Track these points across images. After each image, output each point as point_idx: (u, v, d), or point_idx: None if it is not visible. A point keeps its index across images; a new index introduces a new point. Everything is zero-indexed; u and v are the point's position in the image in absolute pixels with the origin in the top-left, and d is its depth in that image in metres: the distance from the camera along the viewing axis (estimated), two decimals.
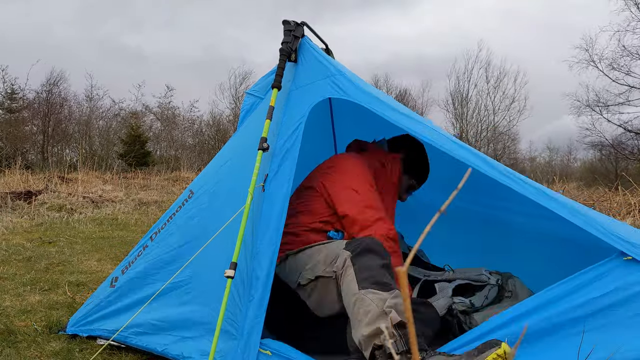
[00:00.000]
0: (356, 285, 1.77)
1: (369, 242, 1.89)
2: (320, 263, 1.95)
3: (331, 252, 1.95)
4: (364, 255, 1.84)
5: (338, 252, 1.91)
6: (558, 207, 1.72)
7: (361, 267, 1.81)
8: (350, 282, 1.80)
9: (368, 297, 1.72)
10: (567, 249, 2.44)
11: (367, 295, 1.73)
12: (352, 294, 1.77)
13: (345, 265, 1.86)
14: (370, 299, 1.72)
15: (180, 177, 13.94)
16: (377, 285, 1.75)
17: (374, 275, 1.78)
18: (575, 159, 31.35)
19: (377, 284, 1.75)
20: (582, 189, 10.67)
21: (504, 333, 1.62)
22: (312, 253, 2.01)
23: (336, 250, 1.93)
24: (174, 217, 2.27)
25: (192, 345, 1.96)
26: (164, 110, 26.97)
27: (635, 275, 1.55)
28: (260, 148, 1.97)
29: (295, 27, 2.18)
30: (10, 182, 9.59)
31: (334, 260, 1.91)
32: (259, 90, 2.29)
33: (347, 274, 1.83)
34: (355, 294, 1.75)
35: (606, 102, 21.39)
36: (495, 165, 1.85)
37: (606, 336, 1.51)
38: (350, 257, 1.86)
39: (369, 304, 1.71)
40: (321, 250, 1.99)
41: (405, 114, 2.02)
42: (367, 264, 1.81)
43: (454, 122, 29.01)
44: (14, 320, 2.55)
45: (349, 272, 1.82)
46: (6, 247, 4.50)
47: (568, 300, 1.59)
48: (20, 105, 22.60)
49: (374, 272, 1.79)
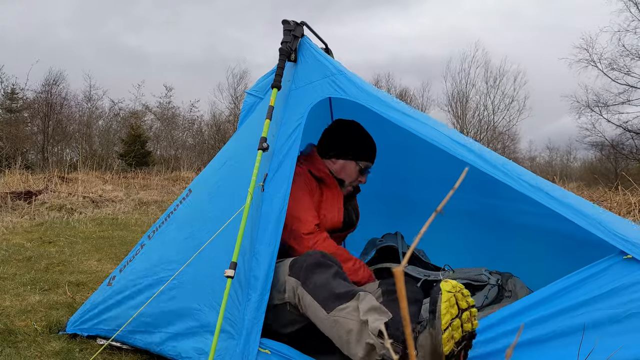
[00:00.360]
0: (322, 311, 1.72)
1: (308, 259, 1.84)
2: (273, 291, 1.90)
3: (280, 278, 1.90)
4: (311, 276, 1.79)
5: (285, 279, 1.87)
6: (558, 205, 1.71)
7: (316, 290, 1.76)
8: (315, 310, 1.75)
9: (341, 316, 1.68)
10: (567, 246, 2.44)
11: (339, 315, 1.68)
12: (324, 320, 1.72)
13: (299, 295, 1.80)
14: (343, 317, 1.67)
15: (180, 176, 13.95)
16: (341, 300, 1.70)
17: (331, 290, 1.73)
18: (575, 158, 31.40)
19: (339, 298, 1.70)
20: (582, 189, 10.67)
21: (502, 330, 1.62)
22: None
23: (283, 277, 1.89)
24: (172, 216, 2.27)
25: (191, 345, 1.96)
26: (164, 110, 26.98)
27: (634, 274, 1.55)
28: (260, 148, 1.97)
29: (295, 27, 2.18)
30: (10, 182, 9.60)
31: (283, 288, 1.88)
32: (259, 90, 2.29)
33: (307, 304, 1.78)
34: (327, 319, 1.71)
35: (606, 102, 21.40)
36: (496, 163, 1.84)
37: (606, 335, 1.51)
38: (300, 285, 1.80)
39: (346, 322, 1.66)
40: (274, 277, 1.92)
41: (406, 113, 2.02)
42: (320, 283, 1.76)
43: (454, 122, 29.03)
44: (14, 320, 2.55)
45: (308, 300, 1.77)
46: (6, 247, 4.50)
47: (567, 298, 1.59)
48: (20, 105, 22.61)
49: (330, 287, 1.74)
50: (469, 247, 3.00)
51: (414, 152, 2.71)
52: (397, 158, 2.91)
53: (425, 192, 2.95)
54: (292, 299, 1.84)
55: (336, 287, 1.74)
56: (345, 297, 1.71)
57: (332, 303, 1.71)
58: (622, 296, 1.53)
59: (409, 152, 2.79)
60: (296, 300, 1.83)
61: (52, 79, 23.08)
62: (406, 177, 3.04)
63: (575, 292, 1.59)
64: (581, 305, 1.56)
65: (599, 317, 1.53)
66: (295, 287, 1.82)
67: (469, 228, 2.95)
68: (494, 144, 28.62)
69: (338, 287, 1.74)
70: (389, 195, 3.12)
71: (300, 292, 1.80)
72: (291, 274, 1.86)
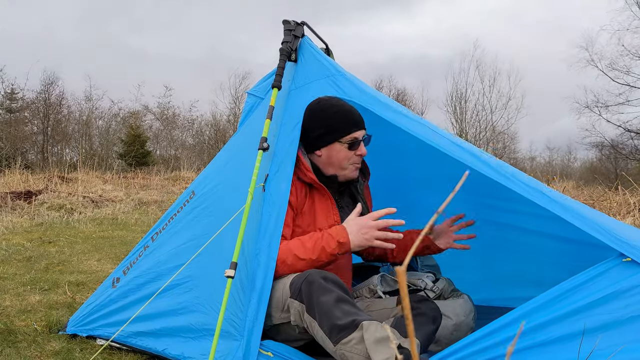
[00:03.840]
0: (330, 343, 1.66)
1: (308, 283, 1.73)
2: (273, 310, 1.86)
3: (279, 297, 1.84)
4: (313, 303, 1.69)
5: (286, 300, 1.81)
6: (558, 207, 1.71)
7: (321, 317, 1.67)
8: (324, 341, 1.69)
9: (346, 351, 1.62)
10: (566, 247, 2.44)
11: (344, 349, 1.62)
12: (332, 351, 1.68)
13: (307, 322, 1.73)
14: (348, 351, 1.62)
15: (180, 176, 13.94)
16: (344, 331, 1.62)
17: (334, 321, 1.64)
18: (575, 158, 31.41)
19: (342, 329, 1.63)
20: (582, 189, 10.66)
21: (503, 337, 1.61)
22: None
23: (283, 297, 1.82)
24: (176, 218, 2.27)
25: (193, 345, 1.96)
26: (164, 110, 26.98)
27: (634, 277, 1.55)
28: (261, 148, 1.97)
29: (295, 27, 2.18)
30: (10, 182, 9.60)
31: (284, 308, 1.83)
32: (260, 91, 2.29)
33: (315, 331, 1.71)
34: (335, 352, 1.66)
35: (606, 103, 21.41)
36: (496, 166, 1.84)
37: (605, 338, 1.51)
38: (306, 311, 1.72)
39: (352, 357, 1.61)
40: (270, 296, 1.86)
41: (404, 114, 2.02)
42: (323, 311, 1.67)
43: (453, 122, 29.05)
44: (14, 320, 2.55)
45: (316, 327, 1.70)
46: (6, 247, 4.50)
47: (566, 303, 1.58)
48: (20, 105, 22.61)
49: (332, 317, 1.65)
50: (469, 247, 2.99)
51: (414, 154, 2.71)
52: (397, 160, 2.90)
53: (425, 195, 2.95)
54: (300, 322, 1.78)
55: (338, 317, 1.64)
56: (348, 328, 1.62)
57: (337, 335, 1.64)
58: (621, 299, 1.53)
59: (409, 154, 2.78)
60: (304, 325, 1.76)
61: (47, 79, 23.16)
62: (406, 179, 3.04)
63: (574, 296, 1.58)
64: (581, 310, 1.56)
65: (598, 321, 1.53)
66: (301, 312, 1.75)
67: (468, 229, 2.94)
68: (494, 143, 28.62)
69: (340, 316, 1.64)
70: (388, 196, 3.11)
71: (307, 318, 1.72)
72: (293, 296, 1.78)
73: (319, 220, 2.04)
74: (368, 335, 1.59)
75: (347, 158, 2.08)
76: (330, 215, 2.07)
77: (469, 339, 1.67)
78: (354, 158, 2.09)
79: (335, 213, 2.08)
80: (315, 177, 2.04)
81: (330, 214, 2.07)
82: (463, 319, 2.17)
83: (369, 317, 1.69)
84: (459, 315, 2.17)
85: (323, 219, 2.05)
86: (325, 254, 1.87)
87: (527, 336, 1.58)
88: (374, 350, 1.57)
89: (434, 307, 1.91)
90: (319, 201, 2.07)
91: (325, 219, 2.05)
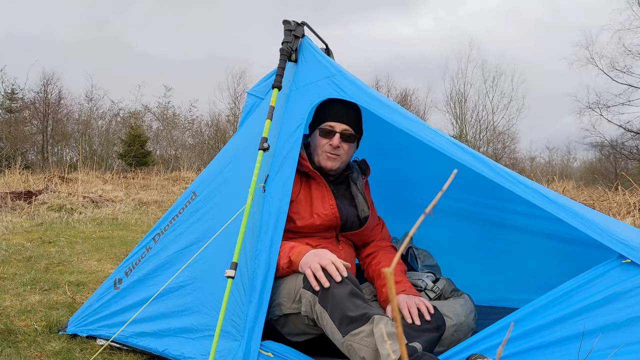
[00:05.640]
0: (339, 334, 1.69)
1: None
2: (284, 300, 1.90)
3: (292, 288, 1.88)
4: (326, 294, 1.73)
5: (299, 291, 1.84)
6: (558, 209, 1.71)
7: (333, 309, 1.71)
8: (333, 332, 1.72)
9: (355, 342, 1.65)
10: (566, 248, 2.44)
11: (353, 340, 1.65)
12: (340, 343, 1.70)
13: (317, 312, 1.76)
14: (357, 343, 1.64)
15: (180, 176, 13.93)
16: (355, 323, 1.66)
17: (345, 312, 1.68)
18: (575, 158, 31.42)
19: (353, 321, 1.66)
20: (582, 189, 10.66)
21: (510, 335, 1.61)
22: (275, 288, 1.93)
23: (296, 287, 1.86)
24: (177, 219, 2.27)
25: (194, 346, 1.96)
26: (164, 110, 26.99)
27: (633, 278, 1.55)
28: (261, 148, 1.97)
29: (296, 27, 2.18)
30: (10, 182, 9.60)
31: (296, 298, 1.85)
32: (260, 91, 2.29)
33: (325, 322, 1.74)
34: (343, 343, 1.69)
35: (606, 103, 21.42)
36: (495, 167, 1.85)
37: (605, 339, 1.51)
38: (318, 302, 1.76)
39: (359, 349, 1.64)
40: (282, 286, 1.92)
41: (403, 115, 2.02)
42: (335, 303, 1.71)
43: (453, 122, 29.06)
44: (14, 320, 2.55)
45: (326, 318, 1.73)
46: (6, 247, 4.49)
47: (566, 305, 1.59)
48: (20, 106, 22.62)
49: (344, 308, 1.69)
50: (470, 248, 3.00)
51: (414, 154, 2.71)
52: (397, 160, 2.91)
53: (425, 194, 2.95)
54: (310, 313, 1.80)
55: (350, 309, 1.68)
56: (359, 320, 1.66)
57: (347, 326, 1.67)
58: (621, 301, 1.53)
59: (409, 154, 2.79)
60: (314, 315, 1.78)
61: (46, 79, 23.18)
62: (406, 179, 3.04)
63: (574, 298, 1.59)
64: (580, 311, 1.56)
65: (598, 323, 1.53)
66: (313, 303, 1.77)
67: (469, 229, 2.95)
68: (494, 143, 28.64)
69: (352, 308, 1.68)
70: (388, 197, 3.12)
71: (319, 309, 1.75)
72: (306, 287, 1.81)
73: (316, 205, 2.16)
74: (378, 330, 1.62)
75: (320, 145, 2.20)
76: (326, 201, 2.19)
77: (473, 339, 1.68)
78: (327, 147, 2.19)
79: (330, 198, 2.20)
80: (310, 165, 2.18)
81: (326, 200, 2.19)
82: (463, 319, 2.17)
83: (381, 312, 1.72)
84: (459, 316, 2.17)
85: (319, 205, 2.17)
86: (280, 265, 1.94)
87: (529, 338, 1.58)
88: (382, 344, 1.60)
89: (438, 317, 1.95)
90: (316, 189, 2.19)
91: (322, 205, 2.17)
